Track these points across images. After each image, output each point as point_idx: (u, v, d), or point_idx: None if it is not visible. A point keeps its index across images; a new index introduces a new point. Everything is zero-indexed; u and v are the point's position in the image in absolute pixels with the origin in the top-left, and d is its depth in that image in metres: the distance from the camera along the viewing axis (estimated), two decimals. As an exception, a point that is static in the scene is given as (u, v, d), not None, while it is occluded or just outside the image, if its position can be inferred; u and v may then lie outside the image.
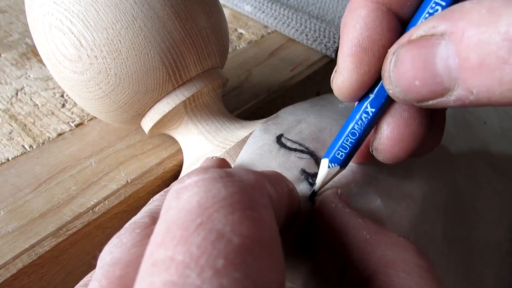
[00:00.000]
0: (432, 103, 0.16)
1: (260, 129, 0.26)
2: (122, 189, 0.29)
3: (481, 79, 0.14)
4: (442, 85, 0.15)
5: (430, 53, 0.15)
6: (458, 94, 0.15)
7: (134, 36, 0.25)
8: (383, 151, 0.20)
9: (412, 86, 0.16)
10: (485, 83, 0.14)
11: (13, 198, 0.28)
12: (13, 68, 0.40)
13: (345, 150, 0.20)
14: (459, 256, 0.25)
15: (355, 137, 0.20)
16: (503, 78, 0.13)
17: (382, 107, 0.19)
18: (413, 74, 0.16)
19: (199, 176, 0.14)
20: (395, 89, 0.17)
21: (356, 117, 0.20)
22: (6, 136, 0.33)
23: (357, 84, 0.19)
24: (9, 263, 0.24)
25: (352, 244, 0.17)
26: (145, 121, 0.29)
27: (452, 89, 0.15)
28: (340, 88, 0.19)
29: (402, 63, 0.16)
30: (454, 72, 0.15)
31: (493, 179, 0.30)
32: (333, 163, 0.21)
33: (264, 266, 0.12)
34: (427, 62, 0.15)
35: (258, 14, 0.48)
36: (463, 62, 0.14)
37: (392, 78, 0.17)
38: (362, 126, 0.20)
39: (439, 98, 0.15)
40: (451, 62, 0.15)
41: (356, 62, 0.18)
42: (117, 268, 0.15)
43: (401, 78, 0.16)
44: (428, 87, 0.15)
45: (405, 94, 0.16)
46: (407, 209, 0.23)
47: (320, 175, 0.22)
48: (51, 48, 0.26)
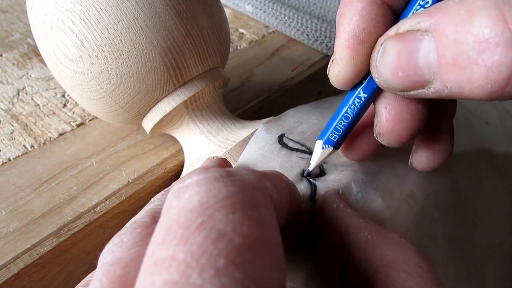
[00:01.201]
0: (413, 93, 0.17)
1: (262, 130, 0.26)
2: (123, 189, 0.29)
3: (453, 75, 0.15)
4: (423, 78, 0.16)
5: (414, 47, 0.16)
6: (436, 87, 0.16)
7: (135, 36, 0.25)
8: (386, 134, 0.20)
9: (396, 76, 0.17)
10: (457, 80, 0.15)
11: (15, 198, 0.28)
12: (14, 68, 0.40)
13: (338, 133, 0.22)
14: (460, 256, 0.25)
15: (348, 121, 0.21)
16: (472, 76, 0.14)
17: (374, 93, 0.20)
18: (397, 66, 0.17)
19: (200, 176, 0.14)
20: (380, 78, 0.18)
21: (350, 101, 0.21)
22: (8, 136, 0.33)
23: (353, 74, 0.20)
24: (11, 263, 0.24)
25: (353, 245, 0.17)
26: (146, 121, 0.29)
27: (431, 82, 0.16)
28: (337, 77, 0.20)
29: (388, 55, 0.17)
30: (433, 67, 0.16)
31: (495, 179, 0.30)
32: (327, 145, 0.22)
33: (265, 265, 0.12)
34: (410, 55, 0.16)
35: (259, 14, 0.48)
36: (440, 59, 0.15)
37: (378, 68, 0.18)
38: (355, 110, 0.21)
39: (420, 89, 0.17)
40: (431, 57, 0.16)
41: (352, 54, 0.19)
42: (118, 267, 0.15)
43: (386, 68, 0.17)
44: (410, 78, 0.16)
45: (389, 84, 0.17)
46: (408, 209, 0.23)
47: (314, 156, 0.23)
48: (52, 48, 0.26)
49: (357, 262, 0.16)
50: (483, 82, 0.14)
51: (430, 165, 0.23)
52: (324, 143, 0.22)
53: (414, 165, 0.24)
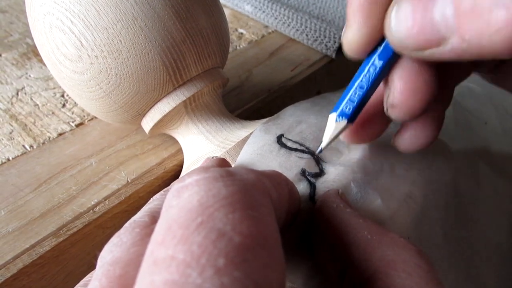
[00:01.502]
0: (428, 53, 0.16)
1: (261, 129, 0.26)
2: (123, 189, 0.29)
3: (472, 24, 0.14)
4: (439, 34, 0.15)
5: (430, 2, 0.15)
6: (453, 43, 0.15)
7: (134, 36, 0.25)
8: (399, 106, 0.19)
9: (410, 33, 0.16)
10: (475, 27, 0.14)
11: (14, 198, 0.28)
12: (13, 68, 0.40)
13: (353, 103, 0.20)
14: (459, 256, 0.25)
15: (363, 90, 0.20)
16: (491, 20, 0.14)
17: (389, 60, 0.19)
18: (412, 22, 0.16)
19: (199, 175, 0.14)
20: (394, 37, 0.17)
21: (365, 70, 0.20)
22: (7, 136, 0.33)
23: (367, 38, 0.19)
24: (10, 263, 0.24)
25: (353, 244, 0.17)
26: (145, 121, 0.29)
27: (447, 38, 0.15)
28: (350, 43, 0.19)
29: (403, 11, 0.16)
30: (450, 20, 0.15)
31: (494, 180, 0.30)
32: (341, 117, 0.21)
33: (265, 265, 0.12)
34: (426, 10, 0.16)
35: (259, 14, 0.48)
36: (457, 8, 0.15)
37: (392, 26, 0.17)
38: (370, 79, 0.20)
39: (435, 47, 0.16)
40: (448, 11, 0.15)
41: (366, 15, 0.18)
42: (117, 267, 0.15)
43: (401, 25, 0.17)
44: (426, 35, 0.16)
45: (403, 42, 0.17)
46: (407, 210, 0.23)
47: (328, 131, 0.21)
48: (51, 48, 0.26)
49: (357, 262, 0.16)
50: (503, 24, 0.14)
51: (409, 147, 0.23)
52: (338, 115, 0.21)
53: (395, 144, 0.23)
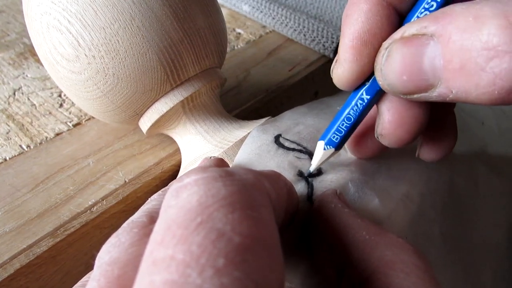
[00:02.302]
0: (416, 97, 0.17)
1: (258, 130, 0.26)
2: (120, 189, 0.29)
3: (460, 81, 0.15)
4: (427, 82, 0.16)
5: (419, 51, 0.16)
6: (440, 91, 0.16)
7: (132, 36, 0.25)
8: (387, 135, 0.20)
9: (400, 80, 0.17)
10: (463, 85, 0.15)
11: (11, 198, 0.28)
12: (10, 68, 0.40)
13: (340, 134, 0.22)
14: (457, 256, 0.25)
15: (350, 122, 0.21)
16: (479, 83, 0.15)
17: (376, 95, 0.20)
18: (401, 70, 0.17)
19: (198, 175, 0.14)
20: (385, 81, 0.18)
21: (352, 103, 0.21)
22: (4, 136, 0.33)
23: (356, 75, 0.20)
24: (7, 263, 0.24)
25: (351, 244, 0.17)
26: (143, 121, 0.29)
27: (435, 86, 0.16)
28: (340, 77, 0.20)
29: (393, 58, 0.17)
30: (438, 71, 0.16)
31: (491, 180, 0.30)
32: (329, 146, 0.22)
33: (264, 265, 0.12)
34: (415, 59, 0.16)
35: (256, 14, 0.48)
36: (446, 64, 0.15)
37: (383, 71, 0.18)
38: (357, 112, 0.21)
39: (423, 93, 0.17)
40: (436, 62, 0.16)
41: (356, 54, 0.19)
42: (115, 267, 0.15)
43: (391, 72, 0.17)
44: (414, 82, 0.17)
45: (393, 87, 0.18)
46: (405, 209, 0.23)
47: (316, 157, 0.23)
48: (48, 47, 0.26)
49: (355, 262, 0.17)
50: (490, 88, 0.14)
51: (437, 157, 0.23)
52: (326, 144, 0.22)
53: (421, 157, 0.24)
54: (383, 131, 0.20)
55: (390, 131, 0.20)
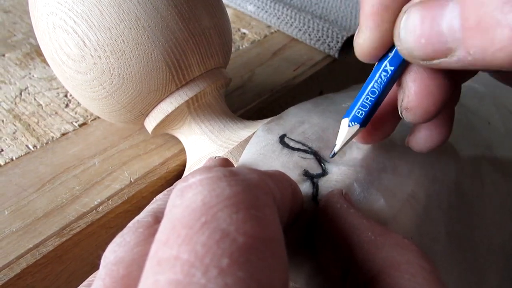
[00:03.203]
0: (436, 62, 0.17)
1: (263, 129, 0.26)
2: (126, 189, 0.29)
3: (477, 39, 0.15)
4: (446, 45, 0.16)
5: (438, 13, 0.16)
6: (459, 55, 0.16)
7: (137, 36, 0.25)
8: (414, 108, 0.20)
9: (418, 44, 0.17)
10: (480, 43, 0.15)
11: (17, 198, 0.28)
12: (17, 68, 0.40)
13: (365, 109, 0.21)
14: (462, 257, 0.25)
15: (374, 95, 0.20)
16: (495, 38, 0.14)
17: (400, 66, 0.19)
18: (420, 32, 0.16)
19: (203, 175, 0.14)
20: (403, 46, 0.17)
21: (376, 75, 0.20)
22: (10, 136, 0.33)
23: (378, 42, 0.19)
24: (13, 263, 0.24)
25: (356, 245, 0.17)
26: (148, 121, 0.29)
27: (454, 49, 0.16)
28: (362, 47, 0.20)
29: (411, 21, 0.17)
30: (457, 33, 0.15)
31: (497, 180, 0.30)
32: (353, 122, 0.21)
33: (268, 265, 0.12)
34: (434, 21, 0.16)
35: (261, 14, 0.48)
36: (464, 23, 0.15)
37: (401, 35, 0.17)
38: (382, 84, 0.20)
39: (443, 58, 0.16)
40: (455, 23, 0.15)
41: (378, 20, 0.19)
42: (121, 267, 0.15)
43: (409, 35, 0.17)
44: (433, 46, 0.16)
45: (411, 52, 0.17)
46: (410, 209, 0.23)
47: (340, 136, 0.22)
48: (54, 48, 0.26)
49: (360, 263, 0.16)
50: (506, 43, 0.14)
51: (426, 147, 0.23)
52: (351, 121, 0.21)
53: (410, 144, 0.24)
54: (410, 104, 0.20)
55: (417, 103, 0.19)
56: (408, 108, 0.20)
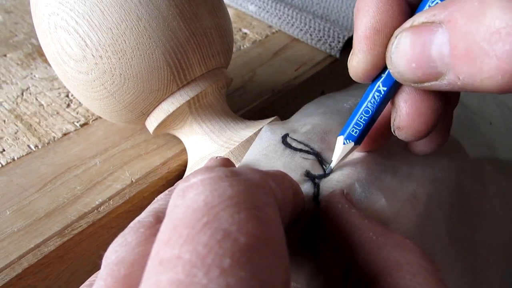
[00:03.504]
0: (427, 85, 0.17)
1: (266, 130, 0.26)
2: (127, 189, 0.29)
3: (465, 66, 0.15)
4: (436, 70, 0.16)
5: (428, 39, 0.16)
6: (449, 79, 0.16)
7: (138, 36, 0.25)
8: (405, 128, 0.20)
9: (409, 68, 0.17)
10: (468, 71, 0.15)
11: (19, 197, 0.28)
12: (18, 68, 0.40)
13: (359, 127, 0.22)
14: (464, 257, 0.25)
15: (368, 115, 0.21)
16: (483, 67, 0.15)
17: (393, 86, 0.20)
18: (411, 57, 0.17)
19: (204, 175, 0.14)
20: (395, 70, 0.18)
21: (370, 96, 0.21)
22: (12, 136, 0.33)
23: (371, 65, 0.20)
24: (15, 263, 0.24)
25: (357, 245, 0.17)
26: (149, 121, 0.29)
27: (444, 74, 0.16)
28: (355, 69, 0.20)
29: (402, 46, 0.17)
30: (446, 58, 0.16)
31: (499, 180, 0.30)
32: (348, 140, 0.22)
33: (270, 265, 0.12)
34: (424, 47, 0.17)
35: (263, 14, 0.48)
36: (453, 50, 0.16)
37: (393, 59, 0.18)
38: (375, 104, 0.21)
39: (433, 81, 0.17)
40: (444, 49, 0.16)
41: (370, 44, 0.19)
42: (122, 267, 0.15)
43: (400, 59, 0.18)
44: (423, 70, 0.17)
45: (403, 75, 0.18)
46: (411, 210, 0.23)
47: (336, 153, 0.23)
48: (56, 48, 0.26)
49: (361, 263, 0.16)
50: (493, 72, 0.14)
51: (424, 150, 0.24)
52: (346, 139, 0.22)
53: (409, 147, 0.24)
54: (401, 124, 0.20)
55: (408, 123, 0.20)
56: (400, 128, 0.20)
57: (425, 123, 0.20)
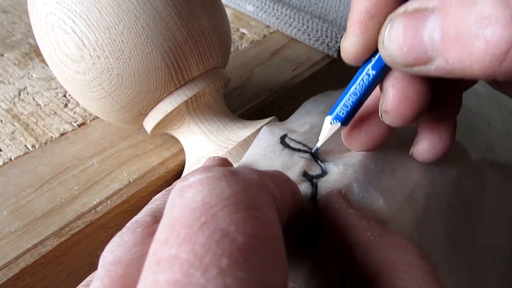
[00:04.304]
0: (416, 69, 0.18)
1: (265, 131, 0.26)
2: (124, 189, 0.29)
3: (456, 50, 0.16)
4: (426, 54, 0.17)
5: (420, 24, 0.17)
6: (438, 64, 0.17)
7: (136, 36, 0.25)
8: (391, 112, 0.21)
9: (401, 51, 0.18)
10: (458, 55, 0.16)
11: (16, 198, 0.28)
12: (15, 68, 0.40)
13: (346, 108, 0.22)
14: (462, 258, 0.25)
15: (356, 97, 0.22)
16: (472, 50, 0.16)
17: (382, 70, 0.21)
18: (403, 41, 0.18)
19: (203, 175, 0.14)
20: (386, 53, 0.19)
21: (359, 78, 0.21)
22: (9, 136, 0.33)
23: (362, 48, 0.20)
24: (12, 263, 0.24)
25: (355, 245, 0.17)
26: (147, 121, 0.29)
27: (433, 59, 0.17)
28: (347, 50, 0.21)
29: (395, 30, 0.18)
30: (437, 43, 0.17)
31: (498, 181, 0.30)
32: (335, 120, 0.22)
33: (268, 265, 0.12)
34: (416, 31, 0.17)
35: (260, 14, 0.48)
36: (444, 35, 0.16)
37: (385, 42, 0.19)
38: (363, 87, 0.21)
39: (422, 65, 0.18)
40: (436, 35, 0.17)
41: (363, 28, 0.20)
42: (119, 267, 0.15)
43: (393, 43, 0.18)
44: (414, 54, 0.18)
45: (394, 58, 0.19)
46: (410, 210, 0.23)
47: (323, 132, 0.23)
48: (53, 48, 0.26)
49: (359, 263, 0.16)
50: (482, 55, 0.15)
51: (429, 157, 0.24)
52: (333, 119, 0.22)
53: (414, 155, 0.25)
54: (387, 107, 0.21)
55: (394, 107, 0.21)
56: (386, 111, 0.21)
57: (410, 108, 0.20)
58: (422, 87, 0.20)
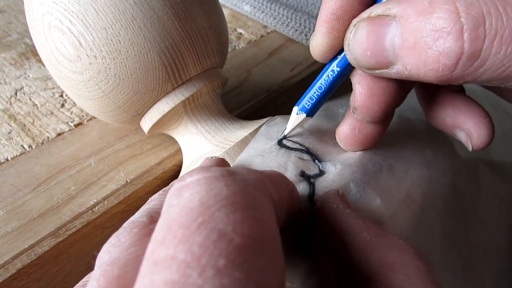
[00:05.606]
0: (378, 72, 0.19)
1: (262, 132, 0.26)
2: (122, 189, 0.29)
3: (412, 58, 0.17)
4: (387, 59, 0.18)
5: (382, 30, 0.18)
6: (398, 69, 0.18)
7: (133, 36, 0.25)
8: (360, 107, 0.22)
9: (364, 55, 0.19)
10: (415, 62, 0.17)
11: (12, 198, 0.28)
12: (12, 68, 0.40)
13: (312, 101, 0.24)
14: (458, 257, 0.25)
15: (321, 91, 0.23)
16: (427, 60, 0.17)
17: (346, 68, 0.22)
18: (366, 46, 0.19)
19: (200, 175, 0.14)
20: (351, 56, 0.20)
21: (324, 74, 0.23)
22: (5, 136, 0.33)
23: (327, 47, 0.22)
24: (9, 263, 0.24)
25: (352, 245, 0.17)
26: (144, 121, 0.29)
27: (394, 63, 0.18)
28: (314, 48, 0.22)
29: (359, 35, 0.19)
30: (397, 49, 0.18)
31: (494, 181, 0.30)
32: (301, 111, 0.24)
33: (265, 266, 0.12)
34: (379, 37, 0.18)
35: (258, 14, 0.48)
36: (403, 43, 0.17)
37: (350, 46, 0.20)
38: (328, 82, 0.23)
39: (384, 69, 0.19)
40: (396, 41, 0.18)
41: (329, 28, 0.21)
42: (115, 267, 0.15)
43: (357, 47, 0.19)
44: (376, 58, 0.19)
45: (358, 61, 0.20)
46: (407, 210, 0.23)
47: (290, 122, 0.25)
48: (50, 48, 0.26)
49: (356, 263, 0.16)
50: (435, 65, 0.17)
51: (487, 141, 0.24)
52: (299, 110, 0.24)
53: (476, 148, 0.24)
54: (356, 104, 0.22)
55: (362, 103, 0.22)
56: (355, 108, 0.22)
57: (377, 104, 0.21)
58: (389, 84, 0.21)
